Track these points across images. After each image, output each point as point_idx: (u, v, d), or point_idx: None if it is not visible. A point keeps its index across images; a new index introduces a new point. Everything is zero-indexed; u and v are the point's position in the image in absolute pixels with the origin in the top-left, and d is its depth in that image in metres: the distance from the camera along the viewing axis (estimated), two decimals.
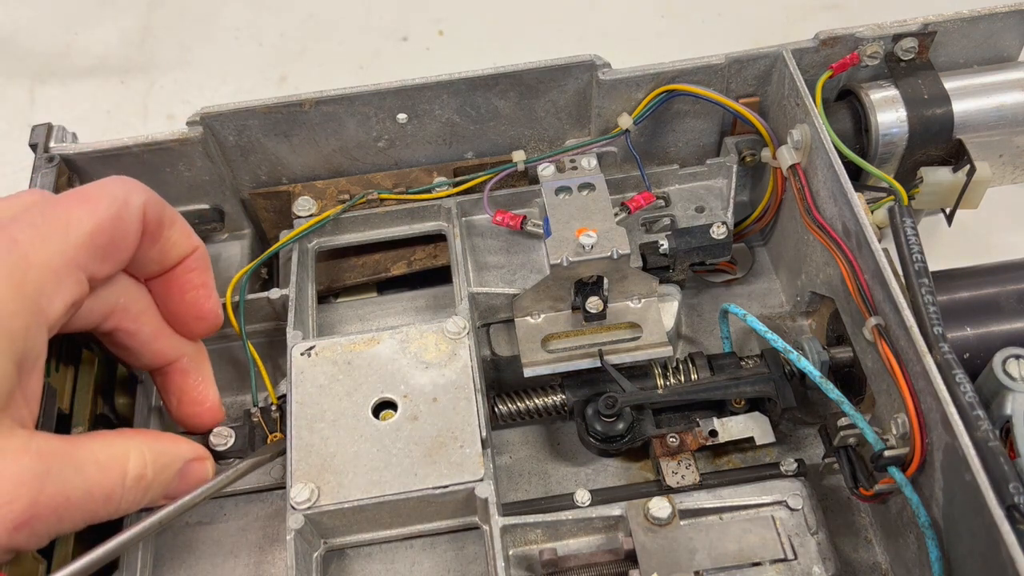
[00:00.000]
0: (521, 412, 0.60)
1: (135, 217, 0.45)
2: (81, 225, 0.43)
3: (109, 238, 0.44)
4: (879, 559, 0.56)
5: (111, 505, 0.43)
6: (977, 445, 0.42)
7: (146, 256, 0.48)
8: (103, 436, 0.45)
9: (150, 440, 0.46)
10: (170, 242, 0.48)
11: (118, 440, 0.45)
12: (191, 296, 0.50)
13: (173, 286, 0.50)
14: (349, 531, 0.54)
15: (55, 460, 0.40)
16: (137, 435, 0.47)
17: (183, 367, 0.52)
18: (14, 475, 0.38)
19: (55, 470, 0.40)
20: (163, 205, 0.48)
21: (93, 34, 1.02)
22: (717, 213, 0.66)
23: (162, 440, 0.47)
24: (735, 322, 0.63)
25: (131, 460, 0.44)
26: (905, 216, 0.53)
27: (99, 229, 0.43)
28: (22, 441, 0.39)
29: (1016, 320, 0.53)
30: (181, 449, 0.48)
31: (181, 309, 0.50)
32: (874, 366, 0.52)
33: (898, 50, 0.62)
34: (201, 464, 0.49)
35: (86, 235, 0.43)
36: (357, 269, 0.67)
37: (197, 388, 0.52)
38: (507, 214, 0.63)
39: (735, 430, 0.59)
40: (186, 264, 0.50)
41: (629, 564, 0.51)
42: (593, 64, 0.62)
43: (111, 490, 0.42)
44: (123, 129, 0.91)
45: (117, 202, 0.44)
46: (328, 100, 0.62)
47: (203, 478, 0.49)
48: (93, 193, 0.45)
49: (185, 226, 0.50)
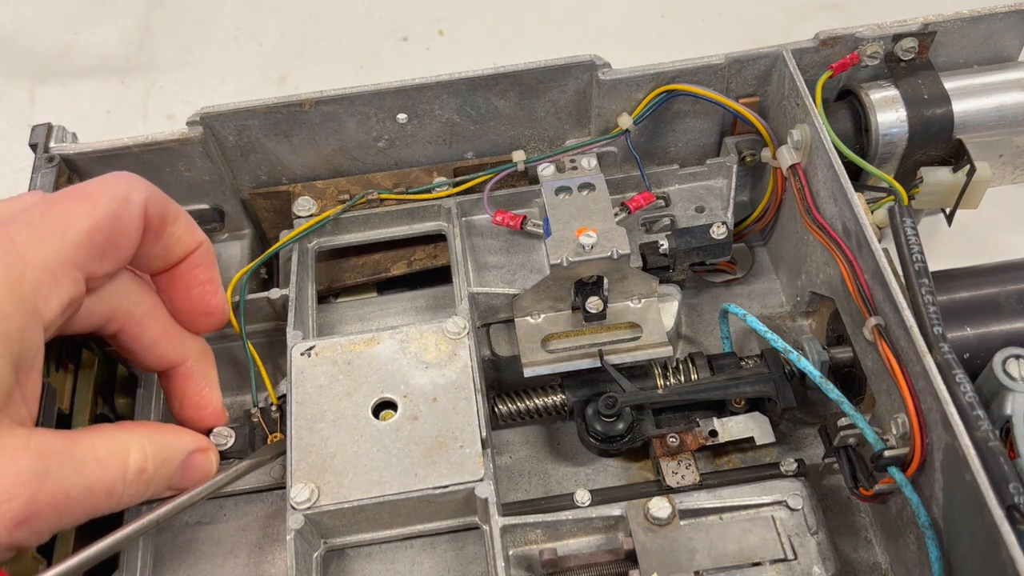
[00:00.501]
0: (521, 412, 0.60)
1: (136, 214, 0.45)
2: (79, 223, 0.43)
3: (108, 236, 0.44)
4: (879, 559, 0.56)
5: (112, 499, 0.43)
6: (977, 445, 0.42)
7: (149, 252, 0.47)
8: (103, 430, 0.45)
9: (151, 432, 0.46)
10: (174, 238, 0.48)
11: (118, 434, 0.45)
12: (197, 292, 0.50)
13: (178, 282, 0.50)
14: (349, 531, 0.54)
15: (54, 457, 0.40)
16: (138, 428, 0.47)
17: (187, 371, 0.52)
18: (13, 473, 0.38)
19: (54, 467, 0.40)
20: (166, 201, 0.48)
21: (93, 34, 1.02)
22: (717, 213, 0.66)
23: (163, 432, 0.47)
24: (735, 322, 0.63)
25: (132, 454, 0.44)
26: (905, 216, 0.53)
27: (97, 227, 0.43)
28: (21, 439, 0.39)
29: (1016, 320, 0.53)
30: (183, 441, 0.48)
31: (187, 305, 0.50)
32: (874, 366, 0.52)
33: (898, 50, 0.62)
34: (204, 455, 0.49)
35: (84, 233, 0.43)
36: (357, 269, 0.67)
37: (200, 392, 0.52)
38: (507, 214, 0.63)
39: (735, 430, 0.59)
40: (191, 260, 0.49)
41: (629, 564, 0.51)
42: (593, 64, 0.62)
43: (112, 485, 0.42)
44: (123, 129, 0.92)
45: (117, 199, 0.44)
46: (328, 100, 0.62)
47: (207, 469, 0.49)
48: (93, 190, 0.44)
49: (189, 221, 0.49)
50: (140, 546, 0.56)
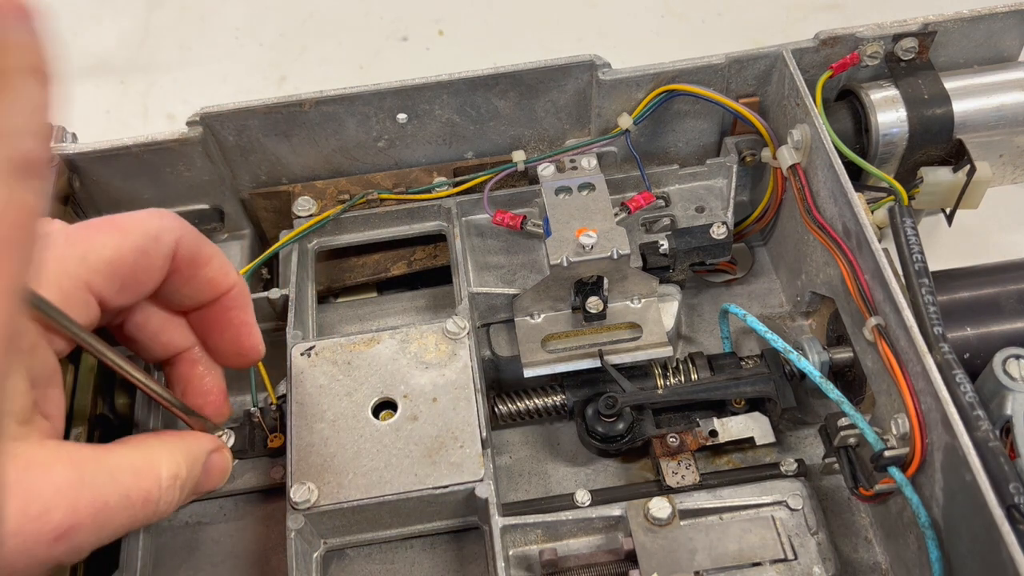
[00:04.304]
0: (521, 412, 0.60)
1: (163, 254, 0.45)
2: (102, 251, 0.43)
3: (131, 270, 0.44)
4: (879, 559, 0.56)
5: (150, 508, 0.42)
6: (977, 445, 0.42)
7: (179, 292, 0.47)
8: (131, 440, 0.45)
9: (175, 439, 0.46)
10: (205, 280, 0.48)
11: (145, 442, 0.45)
12: (231, 334, 0.49)
13: (214, 323, 0.49)
14: (349, 531, 0.54)
15: (88, 466, 0.39)
16: (162, 436, 0.47)
17: (194, 356, 0.51)
18: (49, 484, 0.37)
19: (88, 476, 0.39)
20: (200, 242, 0.47)
21: (93, 34, 1.02)
22: (717, 213, 0.66)
23: (185, 437, 0.47)
24: (735, 322, 0.63)
25: (163, 461, 0.44)
26: (905, 216, 0.53)
27: (121, 259, 0.43)
28: (51, 451, 0.39)
29: (1016, 320, 0.53)
30: (203, 443, 0.48)
31: (222, 346, 0.50)
32: (874, 366, 0.52)
33: (898, 50, 0.62)
34: (221, 455, 0.49)
35: (104, 262, 0.42)
36: (357, 269, 0.67)
37: (205, 378, 0.52)
38: (507, 214, 0.63)
39: (735, 430, 0.59)
40: (225, 302, 0.49)
41: (629, 564, 0.51)
42: (593, 64, 0.62)
43: (148, 492, 0.42)
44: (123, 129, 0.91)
45: (147, 236, 0.44)
46: (328, 100, 0.62)
47: (225, 468, 0.49)
48: (124, 223, 0.44)
49: (223, 263, 0.49)
50: (140, 546, 0.56)
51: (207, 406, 0.52)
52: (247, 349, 0.50)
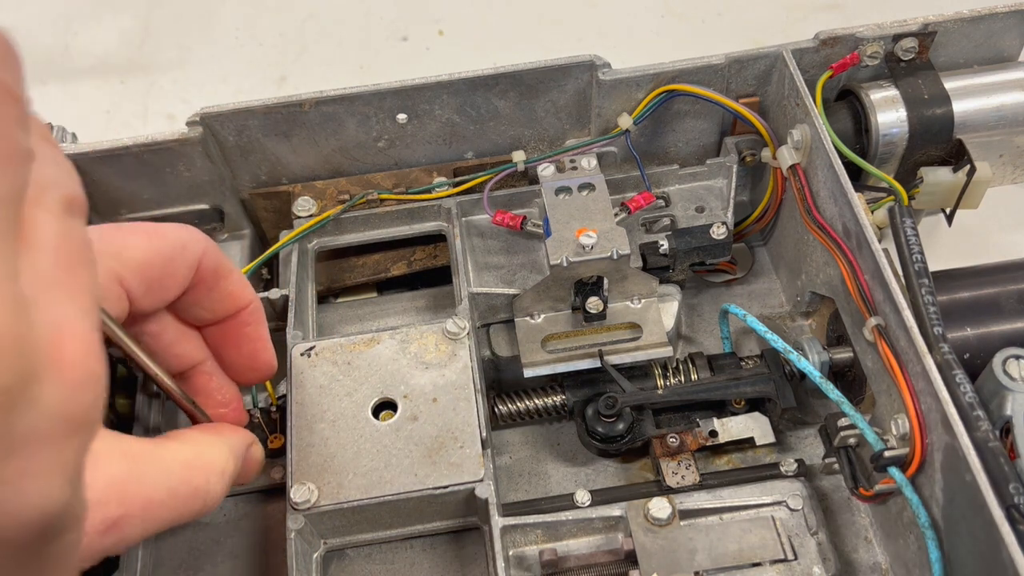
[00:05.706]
0: (521, 412, 0.60)
1: (188, 263, 0.46)
2: (135, 251, 0.43)
3: (159, 273, 0.44)
4: (879, 559, 0.56)
5: (198, 502, 0.43)
6: (977, 445, 0.42)
7: (200, 303, 0.48)
8: (181, 435, 0.45)
9: (220, 433, 0.47)
10: (225, 292, 0.48)
11: (194, 437, 0.45)
12: (247, 350, 0.50)
13: (230, 339, 0.50)
14: (349, 531, 0.54)
15: (141, 460, 0.40)
16: (207, 430, 0.47)
17: (209, 369, 0.52)
18: (105, 477, 0.38)
19: (140, 470, 0.40)
20: (222, 258, 0.48)
21: (93, 34, 1.02)
22: (717, 213, 0.66)
23: (227, 432, 0.48)
24: (735, 322, 0.63)
25: (214, 455, 0.44)
26: (905, 216, 0.53)
27: (150, 262, 0.44)
28: (110, 444, 0.39)
29: (1016, 320, 0.53)
30: (244, 437, 0.49)
31: (237, 361, 0.51)
32: (874, 366, 0.52)
33: (898, 50, 0.62)
34: (257, 448, 0.50)
35: (136, 261, 0.43)
36: (357, 269, 0.67)
37: (222, 390, 0.52)
38: (507, 214, 0.63)
39: (735, 430, 0.59)
40: (242, 318, 0.50)
41: (629, 564, 0.51)
42: (593, 64, 0.62)
43: (198, 487, 0.43)
44: (123, 129, 0.92)
45: (175, 245, 0.45)
46: (328, 100, 0.62)
47: (260, 461, 0.50)
48: (155, 230, 0.45)
49: (241, 279, 0.50)
50: (140, 546, 0.56)
51: (228, 415, 0.52)
52: (261, 364, 0.51)
